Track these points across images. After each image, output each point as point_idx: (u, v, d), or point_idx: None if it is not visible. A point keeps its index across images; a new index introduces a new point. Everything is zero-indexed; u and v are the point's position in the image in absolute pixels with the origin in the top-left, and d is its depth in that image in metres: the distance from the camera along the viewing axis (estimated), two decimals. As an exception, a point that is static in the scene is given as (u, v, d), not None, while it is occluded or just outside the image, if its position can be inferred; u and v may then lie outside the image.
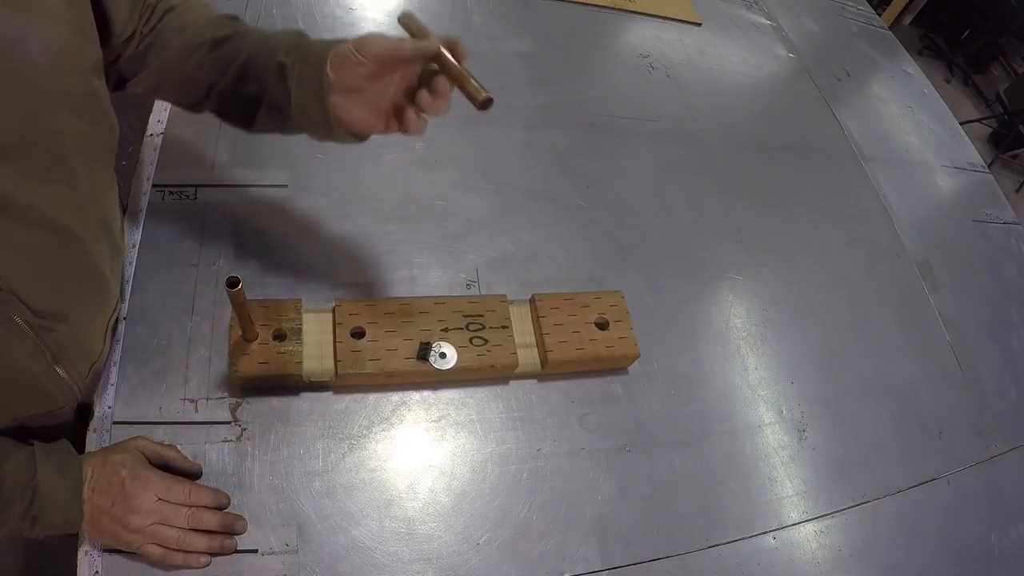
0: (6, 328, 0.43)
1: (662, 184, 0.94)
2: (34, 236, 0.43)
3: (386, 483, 0.61)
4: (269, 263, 0.70)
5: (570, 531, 0.63)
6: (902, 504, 0.77)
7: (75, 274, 0.49)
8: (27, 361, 0.47)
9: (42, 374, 0.49)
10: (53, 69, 0.41)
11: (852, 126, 1.18)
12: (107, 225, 0.52)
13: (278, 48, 0.54)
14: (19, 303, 0.43)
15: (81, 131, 0.45)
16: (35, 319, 0.45)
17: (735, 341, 0.82)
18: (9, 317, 0.43)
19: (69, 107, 0.44)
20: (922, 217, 1.09)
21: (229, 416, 0.61)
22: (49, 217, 0.43)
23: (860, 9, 1.53)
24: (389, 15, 0.99)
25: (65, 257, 0.47)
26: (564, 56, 1.06)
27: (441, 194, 0.82)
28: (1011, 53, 3.50)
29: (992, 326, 1.00)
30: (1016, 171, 3.05)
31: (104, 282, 0.53)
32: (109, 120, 0.50)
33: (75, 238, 0.47)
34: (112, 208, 0.54)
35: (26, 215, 0.41)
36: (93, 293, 0.53)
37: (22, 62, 0.39)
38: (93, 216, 0.49)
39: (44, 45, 0.40)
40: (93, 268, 0.51)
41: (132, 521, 0.50)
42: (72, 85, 0.44)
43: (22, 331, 0.45)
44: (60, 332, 0.48)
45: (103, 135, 0.49)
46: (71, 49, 0.43)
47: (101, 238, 0.50)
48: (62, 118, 0.43)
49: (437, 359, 0.65)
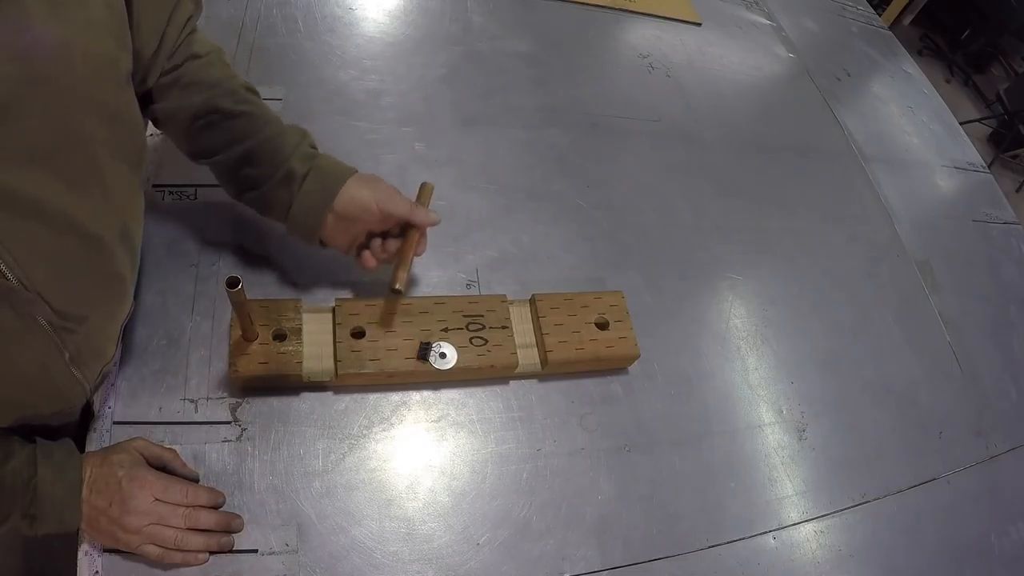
0: (29, 328, 0.44)
1: (662, 184, 0.94)
2: (62, 240, 0.43)
3: (386, 483, 0.61)
4: (269, 263, 0.70)
5: (570, 531, 0.63)
6: (902, 504, 0.77)
7: (98, 278, 0.49)
8: (46, 361, 0.47)
9: (58, 374, 0.49)
10: (91, 77, 0.42)
11: (852, 126, 1.18)
12: (130, 231, 0.52)
13: (291, 153, 0.60)
14: (43, 304, 0.43)
15: (113, 139, 0.46)
16: (58, 320, 0.45)
17: (735, 341, 0.82)
18: (33, 318, 0.43)
19: (103, 115, 0.44)
20: (922, 217, 1.09)
21: (229, 416, 0.61)
22: (78, 222, 0.44)
23: (860, 9, 1.53)
24: (389, 15, 0.99)
25: (90, 261, 0.47)
26: (564, 56, 1.06)
27: (441, 194, 0.81)
28: (1011, 53, 3.51)
29: (992, 326, 1.00)
30: (1016, 171, 3.05)
31: (124, 285, 0.54)
32: (138, 128, 0.51)
33: (101, 243, 0.47)
34: (136, 214, 0.54)
35: (56, 220, 0.42)
36: (113, 296, 0.53)
37: (63, 70, 0.39)
38: (119, 222, 0.50)
39: (85, 54, 0.41)
40: (115, 272, 0.51)
41: (129, 522, 0.50)
42: (107, 93, 0.44)
43: (45, 332, 0.45)
44: (80, 334, 0.48)
45: (132, 143, 0.50)
46: (109, 58, 0.44)
47: (124, 243, 0.51)
48: (96, 125, 0.44)
49: (437, 359, 0.65)
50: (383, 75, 0.91)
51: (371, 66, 0.91)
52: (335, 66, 0.89)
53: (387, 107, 0.88)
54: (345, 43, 0.93)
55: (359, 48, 0.93)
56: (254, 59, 0.86)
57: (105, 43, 0.43)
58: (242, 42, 0.87)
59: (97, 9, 0.42)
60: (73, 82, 0.40)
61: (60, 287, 0.44)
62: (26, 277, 0.41)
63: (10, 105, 0.37)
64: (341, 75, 0.89)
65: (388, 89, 0.90)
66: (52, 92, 0.39)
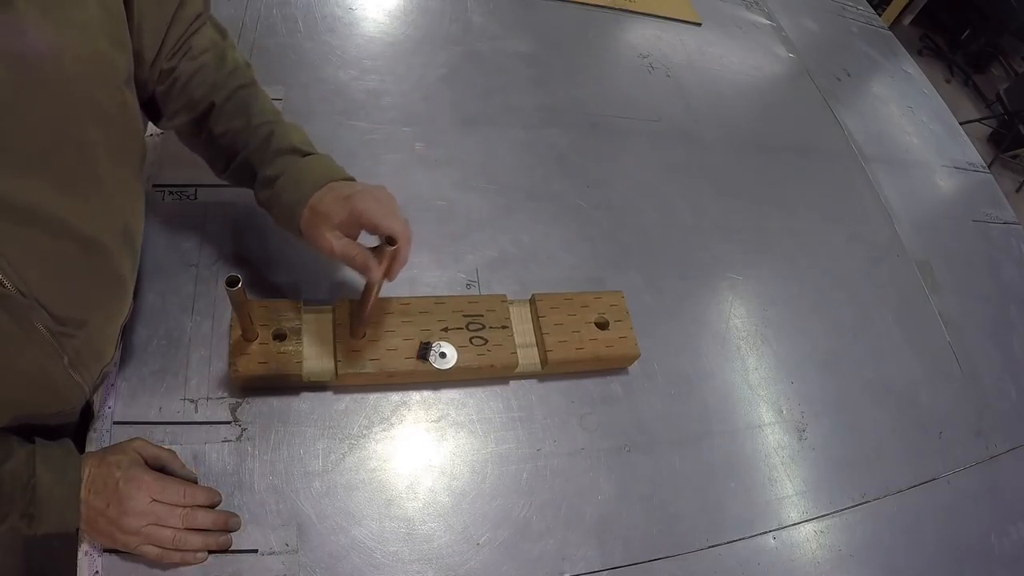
0: (27, 334, 0.43)
1: (662, 184, 0.94)
2: (60, 246, 0.43)
3: (386, 483, 0.61)
4: (269, 263, 0.70)
5: (570, 531, 0.63)
6: (902, 504, 0.77)
7: (98, 282, 0.49)
8: (45, 365, 0.47)
9: (58, 377, 0.49)
10: (86, 79, 0.41)
11: (852, 126, 1.18)
12: (130, 233, 0.52)
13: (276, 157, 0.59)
14: (41, 310, 0.43)
15: (111, 141, 0.45)
16: (56, 326, 0.45)
17: (735, 341, 0.82)
18: (31, 324, 0.43)
19: (100, 117, 0.44)
20: (922, 217, 1.09)
21: (229, 416, 0.61)
22: (76, 227, 0.43)
23: (860, 9, 1.53)
24: (389, 15, 0.99)
25: (89, 266, 0.47)
26: (564, 56, 1.06)
27: (441, 194, 0.82)
28: (1011, 53, 3.50)
29: (992, 326, 1.00)
30: (1016, 171, 3.05)
31: (123, 287, 0.53)
32: (138, 130, 0.50)
33: (100, 247, 0.47)
34: (137, 216, 0.54)
35: (52, 225, 0.41)
36: (112, 299, 0.53)
37: (56, 73, 0.39)
38: (119, 223, 0.49)
39: (79, 56, 0.40)
40: (115, 274, 0.51)
41: (126, 523, 0.50)
42: (104, 95, 0.44)
43: (43, 337, 0.45)
44: (79, 338, 0.48)
45: (132, 145, 0.50)
46: (105, 59, 0.43)
47: (124, 246, 0.50)
48: (92, 128, 0.43)
49: (437, 359, 0.65)
50: (383, 75, 0.91)
51: (371, 66, 0.91)
52: (335, 66, 0.89)
53: (387, 107, 0.88)
54: (345, 43, 0.93)
55: (359, 48, 0.93)
56: (254, 59, 0.86)
57: (100, 44, 0.42)
58: (242, 42, 0.87)
59: (92, 10, 0.41)
60: (67, 85, 0.40)
61: (58, 292, 0.44)
62: (23, 283, 0.40)
63: (2, 109, 0.36)
64: (341, 75, 0.89)
65: (388, 89, 0.90)
66: (45, 95, 0.38)
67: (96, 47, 0.42)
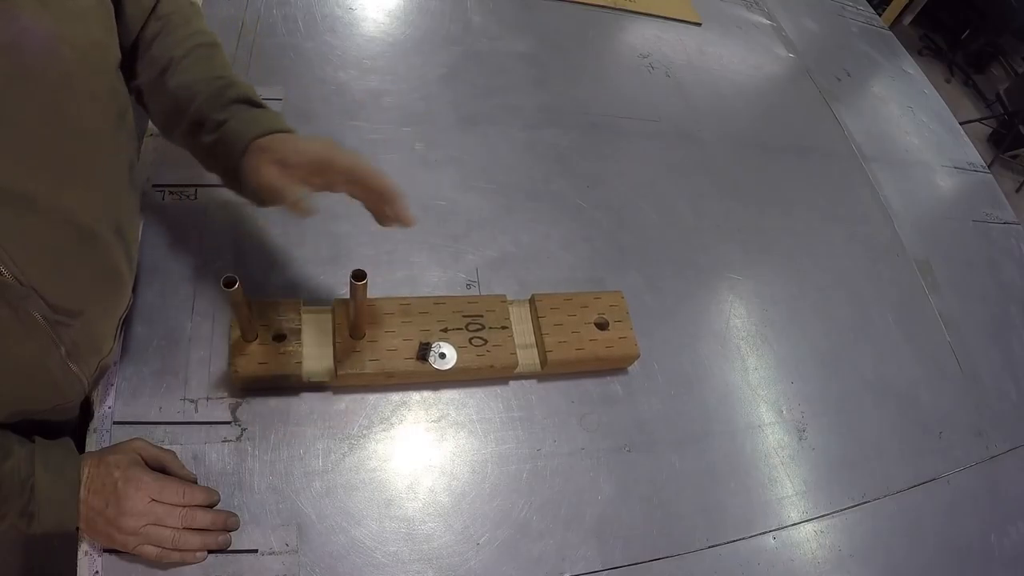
0: (24, 323, 0.44)
1: (662, 184, 0.94)
2: (57, 234, 0.43)
3: (386, 483, 0.61)
4: (269, 263, 0.70)
5: (570, 531, 0.63)
6: (902, 504, 0.77)
7: (94, 272, 0.49)
8: (42, 356, 0.47)
9: (55, 369, 0.49)
10: (82, 69, 0.41)
11: (852, 126, 1.18)
12: (124, 225, 0.52)
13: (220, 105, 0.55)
14: (39, 299, 0.43)
15: (105, 130, 0.45)
16: (53, 315, 0.45)
17: (735, 341, 0.82)
18: (28, 313, 0.43)
19: (96, 106, 0.44)
20: (922, 217, 1.09)
21: (229, 416, 0.61)
22: (73, 216, 0.44)
23: (860, 9, 1.53)
24: (389, 15, 0.99)
25: (86, 255, 0.47)
26: (564, 56, 1.06)
27: (441, 194, 0.82)
28: (1011, 53, 3.51)
29: (992, 326, 1.00)
30: (1016, 171, 3.05)
31: (121, 280, 0.54)
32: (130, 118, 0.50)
33: (96, 237, 0.47)
34: (133, 207, 0.54)
35: (50, 214, 0.42)
36: (109, 291, 0.53)
37: (53, 62, 0.39)
38: (114, 215, 0.49)
39: (75, 45, 0.40)
40: (111, 266, 0.51)
41: (125, 523, 0.50)
42: (99, 84, 0.44)
43: (40, 326, 0.45)
44: (75, 328, 0.48)
45: (125, 133, 0.50)
46: (100, 47, 0.43)
47: (120, 236, 0.51)
48: (88, 117, 0.43)
49: (437, 359, 0.65)
50: (383, 75, 0.91)
51: (371, 66, 0.91)
52: (335, 66, 0.89)
53: (387, 107, 0.88)
54: (345, 43, 0.93)
55: (359, 48, 0.93)
56: (254, 59, 0.86)
57: (95, 33, 0.42)
58: (242, 42, 0.87)
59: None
60: (64, 74, 0.40)
61: (55, 281, 0.44)
62: (20, 272, 0.41)
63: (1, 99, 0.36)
64: (341, 75, 0.89)
65: (388, 89, 0.90)
66: (43, 84, 0.38)
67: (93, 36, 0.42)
